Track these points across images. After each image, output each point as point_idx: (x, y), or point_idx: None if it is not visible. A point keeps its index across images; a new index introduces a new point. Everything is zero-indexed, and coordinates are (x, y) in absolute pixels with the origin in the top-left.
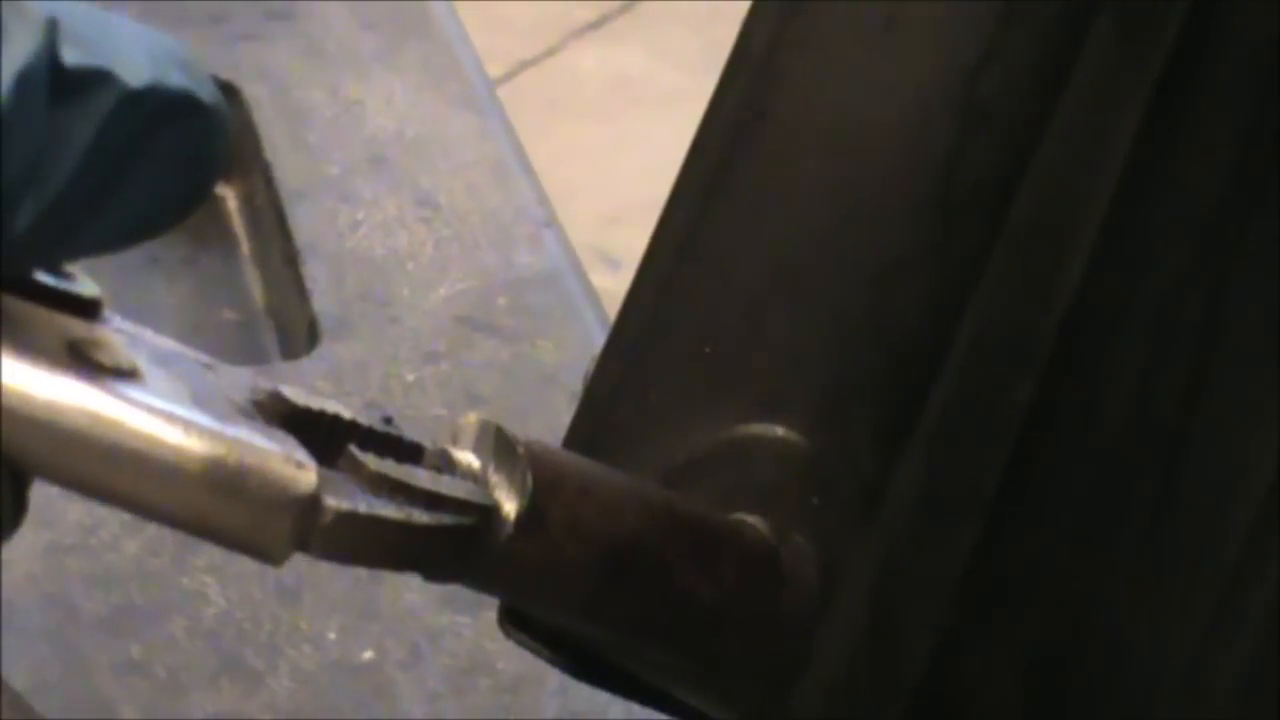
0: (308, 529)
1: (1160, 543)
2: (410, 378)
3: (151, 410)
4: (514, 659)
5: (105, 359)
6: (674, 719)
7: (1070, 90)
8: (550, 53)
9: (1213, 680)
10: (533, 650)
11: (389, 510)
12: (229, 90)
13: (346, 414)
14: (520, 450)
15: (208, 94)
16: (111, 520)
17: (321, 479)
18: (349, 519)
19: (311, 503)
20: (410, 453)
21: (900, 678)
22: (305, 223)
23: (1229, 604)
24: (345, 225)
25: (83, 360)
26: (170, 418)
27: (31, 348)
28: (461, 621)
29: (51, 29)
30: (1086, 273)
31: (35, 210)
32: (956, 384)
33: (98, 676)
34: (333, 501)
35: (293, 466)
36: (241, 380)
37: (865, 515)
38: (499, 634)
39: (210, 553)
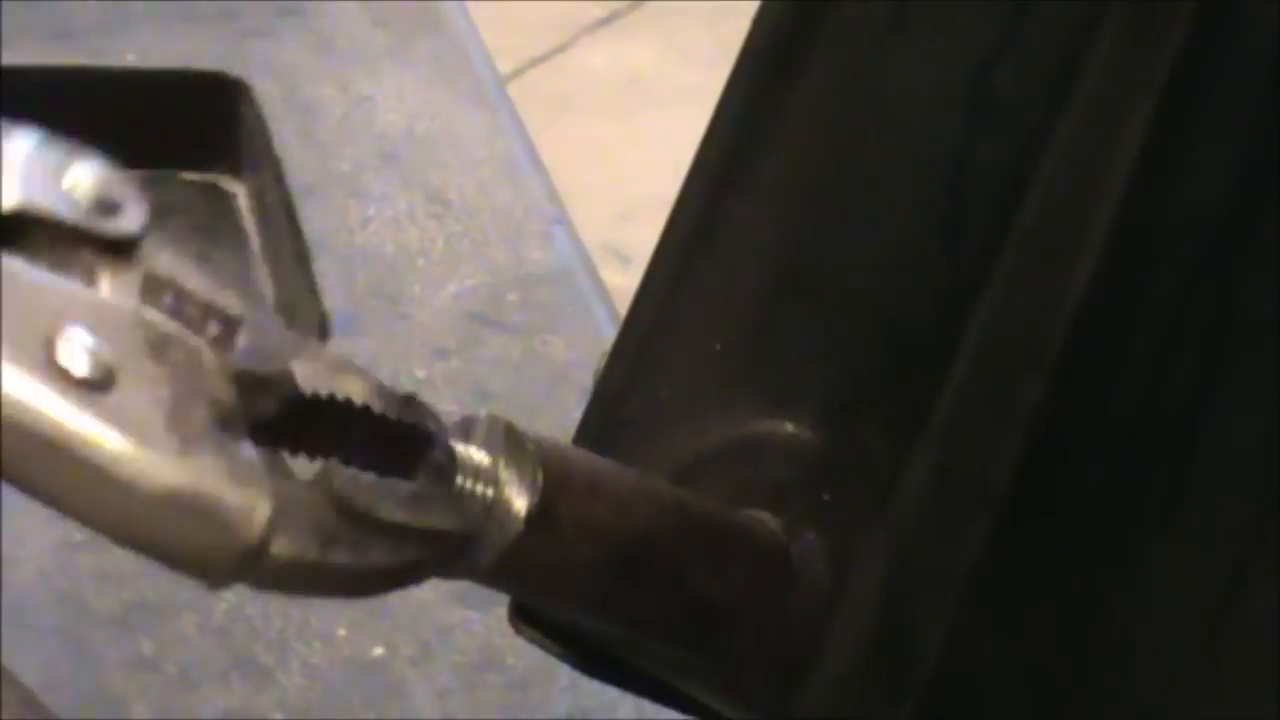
0: (252, 569)
1: (1168, 540)
2: (420, 374)
3: (106, 431)
4: (524, 655)
5: (79, 367)
6: (684, 715)
7: (1082, 86)
8: (560, 49)
9: (1222, 675)
10: (543, 646)
11: (340, 555)
12: (239, 87)
13: (359, 399)
14: (530, 447)
15: None
16: None
17: (275, 515)
18: (294, 565)
19: (259, 548)
20: (418, 444)
21: (910, 674)
22: (316, 219)
23: (1238, 599)
24: (356, 222)
25: (54, 368)
26: (126, 439)
27: (8, 347)
28: (472, 618)
29: None
30: (1097, 270)
31: None
32: (967, 380)
33: (108, 673)
34: (280, 547)
35: (248, 505)
36: (265, 343)
37: (876, 512)
38: (509, 630)
39: None
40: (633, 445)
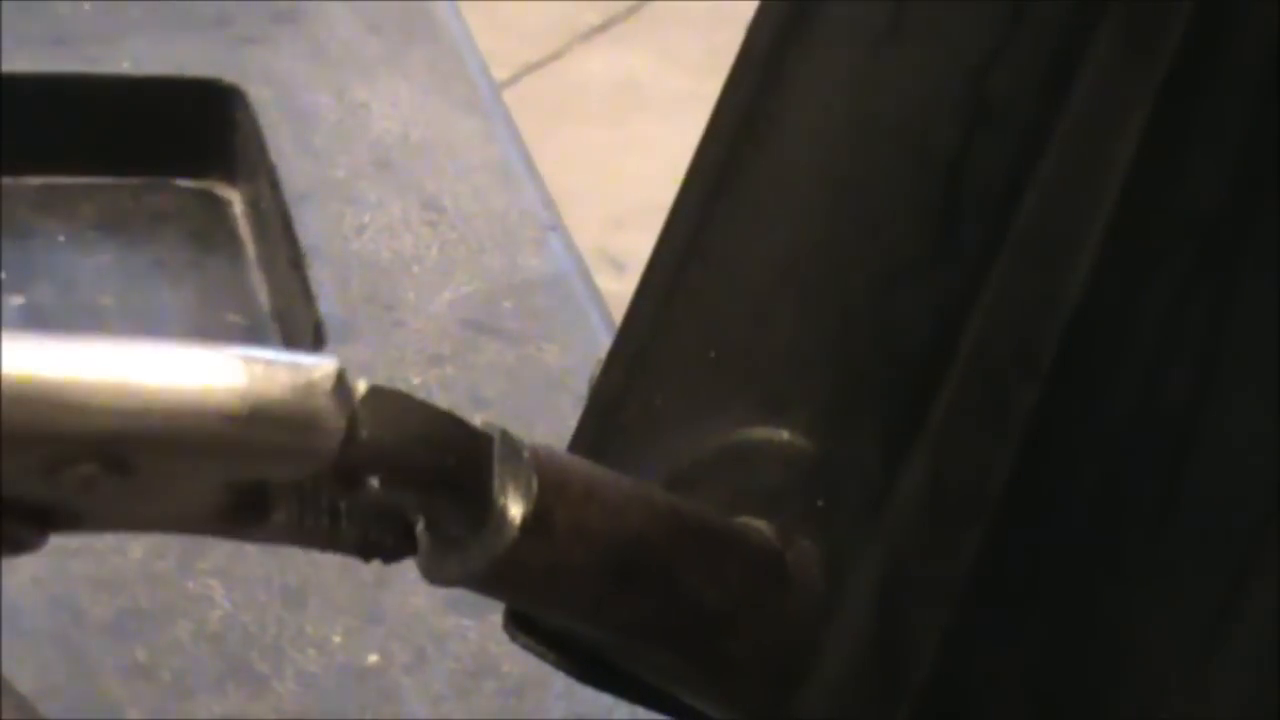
0: (349, 406)
1: (1166, 544)
2: (416, 381)
3: (166, 353)
4: (519, 662)
5: None
6: None
7: (1077, 91)
8: (556, 56)
9: (1218, 681)
10: (538, 653)
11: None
12: (234, 93)
13: None
14: (525, 454)
15: None
16: None
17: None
18: (381, 391)
19: (340, 377)
20: None
21: (905, 680)
22: (310, 226)
23: (1234, 605)
24: (350, 228)
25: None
26: (184, 355)
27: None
28: (466, 624)
29: None
30: (1093, 274)
31: None
32: (962, 386)
33: (103, 680)
34: (363, 383)
35: (310, 358)
36: None
37: (871, 518)
38: (504, 637)
39: (216, 556)
40: (628, 452)
